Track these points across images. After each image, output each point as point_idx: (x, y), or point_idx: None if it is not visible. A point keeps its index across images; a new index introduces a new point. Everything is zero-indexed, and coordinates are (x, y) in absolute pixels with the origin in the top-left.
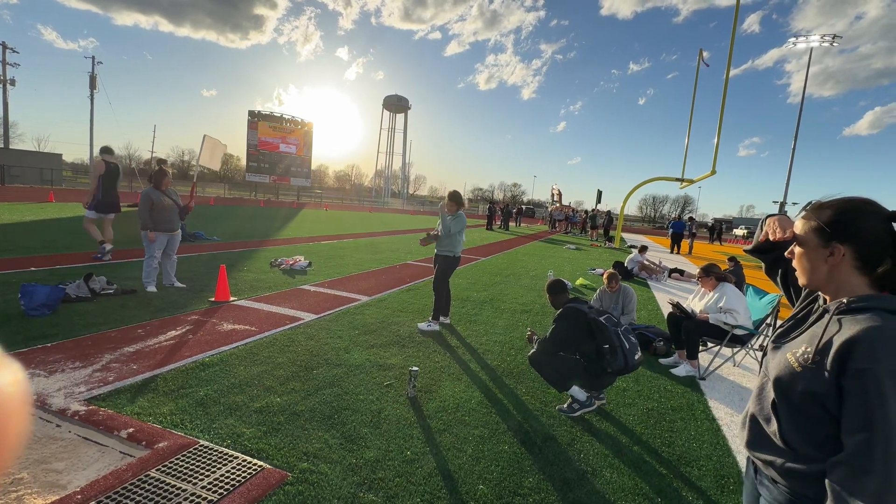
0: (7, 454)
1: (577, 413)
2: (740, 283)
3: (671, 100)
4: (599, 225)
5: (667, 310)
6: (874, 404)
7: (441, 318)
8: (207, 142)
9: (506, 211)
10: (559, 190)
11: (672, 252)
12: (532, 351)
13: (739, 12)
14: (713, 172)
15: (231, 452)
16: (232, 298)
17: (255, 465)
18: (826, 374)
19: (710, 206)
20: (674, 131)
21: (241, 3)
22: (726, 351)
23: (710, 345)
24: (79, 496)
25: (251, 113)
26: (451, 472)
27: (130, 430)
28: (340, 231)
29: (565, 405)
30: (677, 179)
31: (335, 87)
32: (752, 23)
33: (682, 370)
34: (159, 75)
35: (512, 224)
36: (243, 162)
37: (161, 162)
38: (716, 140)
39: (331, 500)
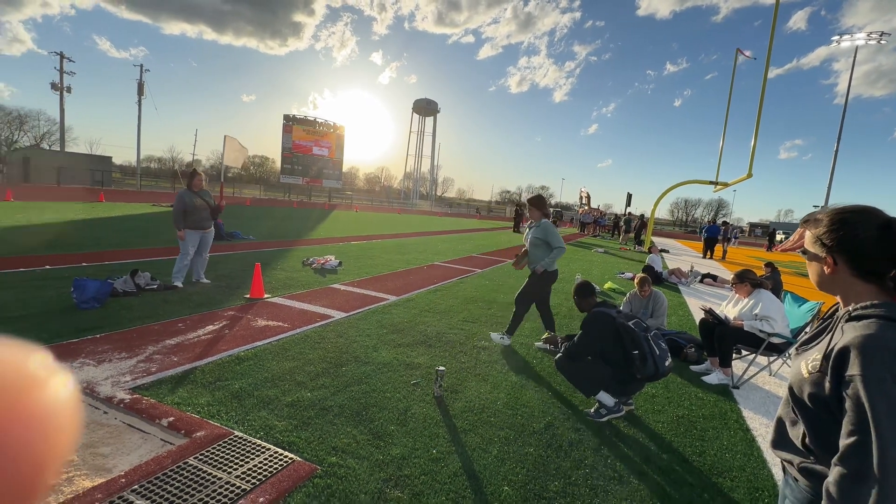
0: (61, 454)
1: (605, 418)
2: (777, 290)
3: (708, 101)
4: (632, 228)
5: (699, 316)
6: (862, 410)
7: (537, 333)
8: (228, 142)
9: None
10: (588, 193)
11: (705, 257)
12: (558, 356)
13: (786, 9)
14: (749, 175)
15: (263, 444)
16: (266, 296)
17: (286, 457)
18: (827, 381)
19: (746, 209)
20: (710, 133)
21: (280, 10)
22: (762, 360)
23: (744, 353)
24: (122, 480)
25: (286, 117)
26: (476, 472)
27: (171, 418)
28: (370, 232)
29: (592, 410)
30: (711, 183)
31: (368, 90)
32: (798, 20)
33: (715, 378)
34: (203, 81)
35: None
36: (278, 164)
37: (191, 165)
38: (752, 142)
39: (358, 495)
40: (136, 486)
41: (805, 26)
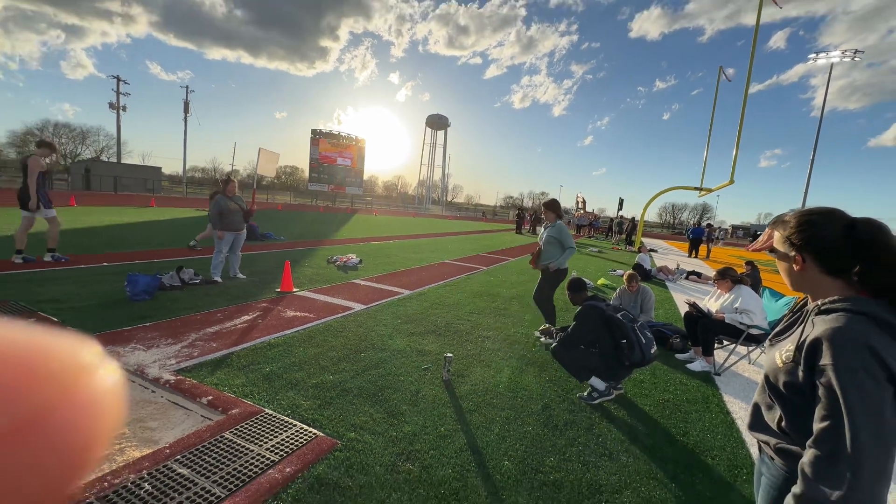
0: (109, 429)
1: (596, 401)
2: (756, 286)
3: (694, 114)
4: (623, 230)
5: (684, 309)
6: (835, 397)
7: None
8: (262, 154)
9: (535, 217)
10: (583, 198)
11: (690, 256)
12: (554, 345)
13: (766, 30)
14: (731, 182)
15: (291, 420)
16: (294, 289)
17: (310, 432)
18: (800, 370)
19: (728, 213)
20: (695, 144)
21: (309, 37)
22: (741, 349)
23: (725, 343)
24: (167, 451)
25: (314, 131)
26: (480, 448)
27: (210, 397)
28: (387, 233)
29: (585, 393)
30: (696, 188)
31: (386, 107)
32: (778, 40)
33: (698, 365)
34: (240, 100)
35: (539, 228)
36: (306, 173)
37: (230, 175)
38: (734, 151)
39: (374, 467)
40: (178, 457)
41: (784, 45)
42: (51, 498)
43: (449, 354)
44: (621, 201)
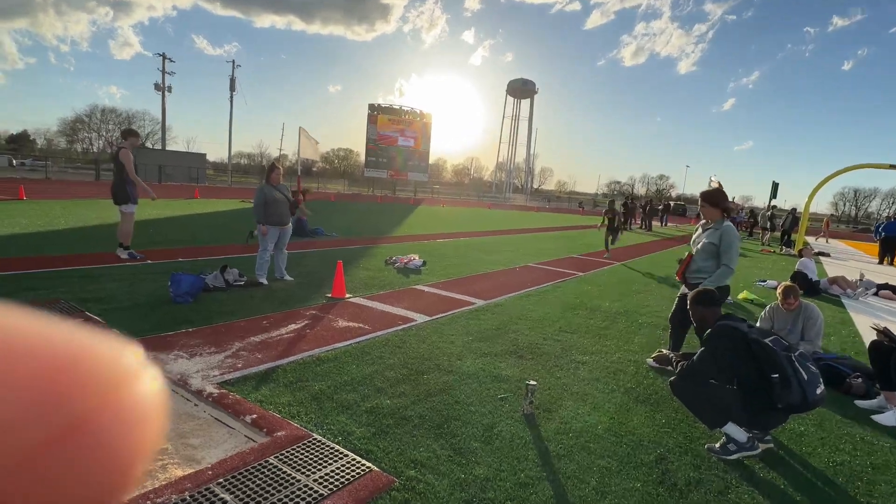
0: (150, 444)
1: (734, 456)
2: None
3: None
4: (778, 226)
5: (869, 337)
6: None
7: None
8: (303, 133)
9: (649, 208)
10: (719, 182)
11: (882, 263)
12: (673, 377)
13: None
14: None
15: (341, 450)
16: (347, 295)
17: (363, 465)
18: None
19: None
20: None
21: None
22: None
23: None
24: (210, 472)
25: (371, 106)
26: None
27: (254, 416)
28: (457, 229)
29: (717, 445)
30: (892, 167)
31: (458, 73)
32: None
33: (891, 417)
34: (291, 74)
35: (657, 224)
36: (362, 157)
37: (277, 160)
38: None
39: None
40: (220, 480)
41: None
42: None
43: (532, 382)
44: (775, 186)
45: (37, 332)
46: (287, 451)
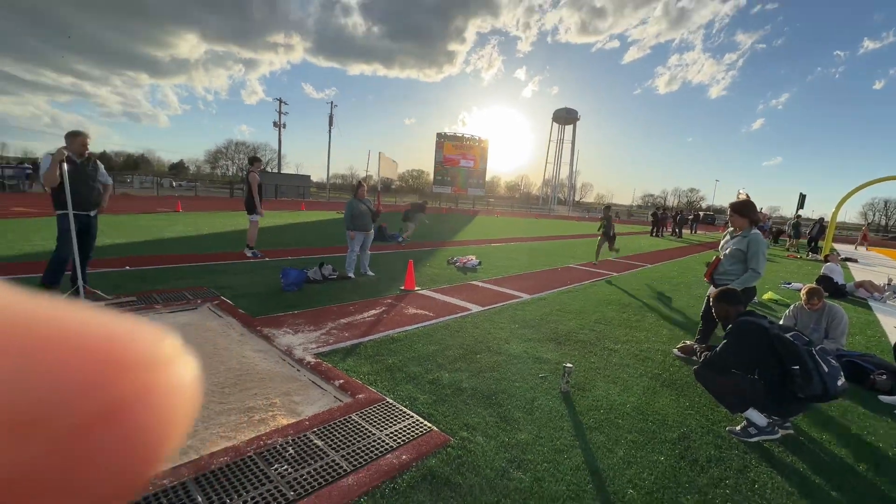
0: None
1: (754, 439)
2: None
3: None
4: (803, 234)
5: (895, 336)
6: None
7: (695, 345)
8: (382, 158)
9: (680, 217)
10: (746, 194)
11: None
12: (697, 365)
13: None
14: None
15: (408, 412)
16: (416, 288)
17: (425, 425)
18: None
19: None
20: None
21: (438, 42)
22: None
23: None
24: (307, 422)
25: (439, 135)
26: (600, 470)
27: (341, 381)
28: (509, 235)
29: (738, 427)
30: None
31: (511, 105)
32: None
33: None
34: (374, 111)
35: (686, 232)
36: (431, 176)
37: (365, 180)
38: None
39: (484, 469)
40: (315, 429)
41: None
42: (116, 493)
43: (569, 365)
44: (802, 197)
45: (71, 318)
46: (365, 410)
